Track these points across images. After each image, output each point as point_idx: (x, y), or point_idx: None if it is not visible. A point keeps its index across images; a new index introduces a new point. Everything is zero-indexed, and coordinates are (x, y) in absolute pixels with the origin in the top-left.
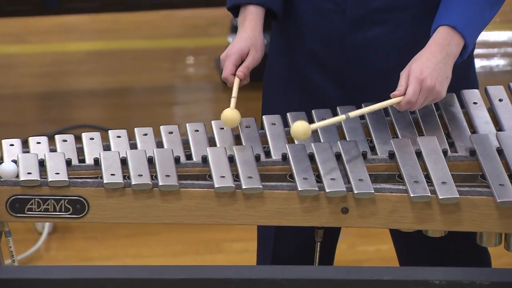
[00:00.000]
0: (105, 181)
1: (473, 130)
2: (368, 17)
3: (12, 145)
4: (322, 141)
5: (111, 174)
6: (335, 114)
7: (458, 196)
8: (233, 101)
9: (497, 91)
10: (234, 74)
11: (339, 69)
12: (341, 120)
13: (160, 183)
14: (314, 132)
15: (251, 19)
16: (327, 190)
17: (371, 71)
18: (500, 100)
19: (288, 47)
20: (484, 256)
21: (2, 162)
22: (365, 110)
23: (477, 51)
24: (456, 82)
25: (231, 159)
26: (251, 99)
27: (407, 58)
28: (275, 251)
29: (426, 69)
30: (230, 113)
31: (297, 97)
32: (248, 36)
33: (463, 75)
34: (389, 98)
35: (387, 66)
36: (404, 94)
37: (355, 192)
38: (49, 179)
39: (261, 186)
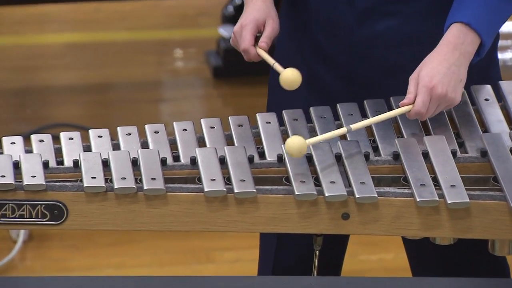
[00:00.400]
0: (85, 185)
1: (485, 129)
2: (377, 8)
3: None
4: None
5: (92, 177)
6: (334, 111)
7: (468, 200)
8: (278, 66)
9: (510, 87)
10: (253, 46)
11: (347, 64)
12: (342, 133)
13: (145, 187)
14: (312, 131)
15: None
16: (326, 194)
17: (381, 67)
18: None
19: (295, 40)
20: (501, 265)
21: None
22: (369, 121)
23: None
24: (477, 76)
25: (222, 161)
26: (243, 95)
27: (420, 53)
28: (276, 260)
29: (436, 75)
30: (291, 73)
31: (303, 93)
32: (260, 7)
33: (482, 74)
34: (400, 95)
35: (399, 61)
36: (414, 102)
37: (357, 196)
38: (25, 183)
39: (254, 190)
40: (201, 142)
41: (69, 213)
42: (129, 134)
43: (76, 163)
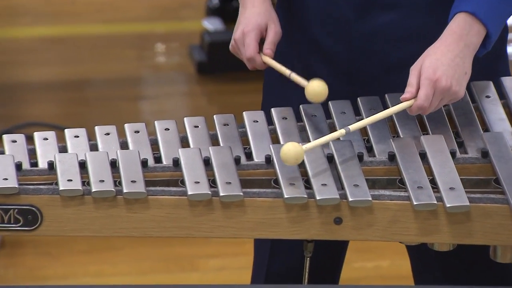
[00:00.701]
0: (61, 188)
1: (486, 127)
2: (377, 1)
3: None
4: (311, 140)
5: (68, 180)
6: (325, 109)
7: (468, 204)
8: (295, 76)
9: None
10: (258, 52)
11: (346, 61)
12: (340, 135)
13: (125, 190)
14: (303, 131)
15: None
16: (317, 198)
17: (381, 63)
18: None
19: (291, 37)
20: (506, 272)
21: None
22: (368, 120)
23: None
24: (483, 71)
25: (207, 162)
26: (229, 92)
27: (423, 48)
28: (269, 267)
29: (440, 67)
30: (317, 85)
31: (298, 92)
32: (260, 11)
33: (489, 68)
34: (402, 92)
35: (400, 57)
36: (416, 96)
37: (350, 199)
38: None
39: (241, 193)
40: (184, 142)
41: (43, 218)
42: (108, 134)
43: (51, 165)
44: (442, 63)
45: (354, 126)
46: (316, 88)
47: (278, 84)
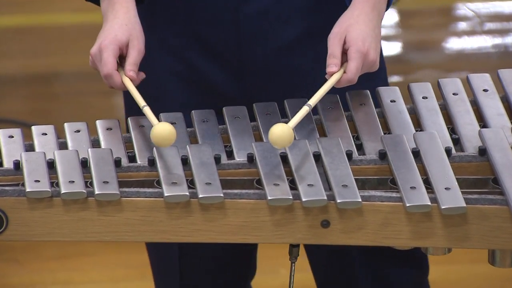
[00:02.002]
0: (27, 189)
1: (483, 123)
2: None
3: None
4: (297, 138)
5: (35, 181)
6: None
7: (464, 205)
8: (147, 110)
9: (511, 75)
10: (117, 70)
11: (233, 51)
12: (305, 113)
13: (97, 192)
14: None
15: (121, 1)
16: (303, 199)
17: (272, 46)
18: None
19: (160, 33)
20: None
21: None
22: (318, 94)
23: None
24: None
25: (185, 161)
26: None
27: (315, 23)
28: (182, 277)
29: (367, 38)
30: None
31: (178, 92)
32: (122, 22)
33: None
34: (297, 73)
35: (291, 37)
36: (340, 67)
37: (338, 201)
38: None
39: (222, 195)
40: None
41: (9, 222)
42: (78, 131)
43: (17, 165)
44: (368, 34)
45: (313, 100)
46: (164, 131)
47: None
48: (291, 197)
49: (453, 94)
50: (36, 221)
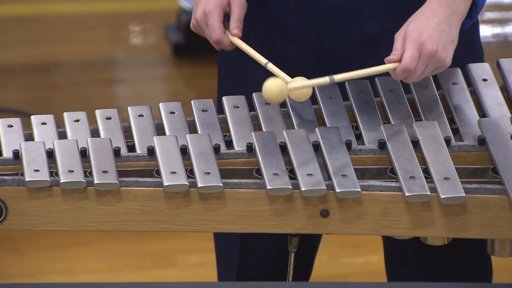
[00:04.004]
0: (27, 179)
1: (483, 113)
2: None
3: None
4: (296, 127)
5: (35, 170)
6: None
7: (464, 195)
8: (271, 66)
9: (511, 65)
10: (225, 33)
11: (312, 40)
12: (324, 83)
13: (96, 181)
14: (287, 117)
15: None
16: (302, 189)
17: (351, 41)
18: None
19: (251, 14)
20: (485, 268)
21: None
22: (353, 74)
23: (488, 15)
24: (459, 51)
25: (184, 151)
26: (208, 76)
27: (399, 21)
28: (240, 264)
29: (426, 31)
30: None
31: (261, 76)
32: None
33: (468, 41)
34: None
35: (372, 32)
36: (401, 60)
37: (338, 190)
38: None
39: (221, 184)
40: (159, 130)
41: (8, 212)
42: (77, 120)
43: (17, 154)
44: (428, 27)
45: (338, 77)
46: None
47: (235, 65)
48: (290, 187)
49: (453, 83)
50: (35, 211)
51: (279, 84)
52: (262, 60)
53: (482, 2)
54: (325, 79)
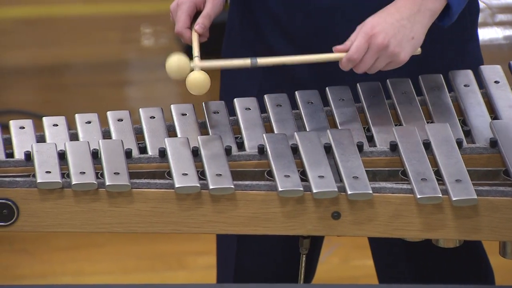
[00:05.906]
0: (38, 180)
1: (494, 115)
2: None
3: None
4: (308, 129)
5: (46, 172)
6: (322, 96)
7: (475, 197)
8: (196, 60)
9: None
10: (190, 28)
11: (305, 39)
12: (244, 65)
13: (108, 183)
14: (298, 119)
15: None
16: (314, 191)
17: (342, 41)
18: None
19: (251, 13)
20: (481, 268)
21: None
22: (283, 59)
23: (499, 17)
24: (450, 53)
25: (196, 153)
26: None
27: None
28: (237, 264)
29: (381, 24)
30: (197, 76)
31: (260, 74)
32: None
33: (461, 42)
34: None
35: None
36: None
37: (349, 192)
38: None
39: (232, 186)
40: (171, 131)
41: (20, 213)
42: (89, 122)
43: (28, 156)
44: (385, 21)
45: (263, 60)
46: (195, 78)
47: (236, 70)
48: (301, 189)
49: (464, 85)
50: (47, 212)
51: (181, 60)
52: (195, 52)
53: (457, 6)
54: (245, 61)
